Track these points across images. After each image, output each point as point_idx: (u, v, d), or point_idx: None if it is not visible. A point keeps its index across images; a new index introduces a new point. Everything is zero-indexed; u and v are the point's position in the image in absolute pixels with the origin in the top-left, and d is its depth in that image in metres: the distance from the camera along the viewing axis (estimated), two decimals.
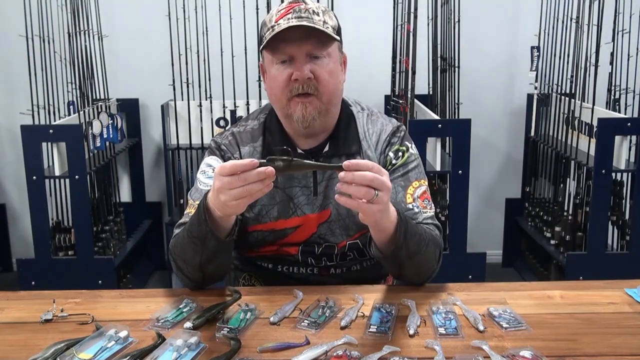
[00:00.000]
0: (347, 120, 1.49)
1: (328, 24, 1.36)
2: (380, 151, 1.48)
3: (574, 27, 3.08)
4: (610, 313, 1.29)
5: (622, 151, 2.82)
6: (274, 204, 1.46)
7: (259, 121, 1.52)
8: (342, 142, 1.46)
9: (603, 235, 2.92)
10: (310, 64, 1.35)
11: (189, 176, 3.43)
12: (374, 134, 1.49)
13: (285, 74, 1.35)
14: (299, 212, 1.46)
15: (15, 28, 2.99)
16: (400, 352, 1.12)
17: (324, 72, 1.36)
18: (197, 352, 1.12)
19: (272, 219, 1.46)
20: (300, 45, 1.34)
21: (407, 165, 1.47)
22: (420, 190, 1.46)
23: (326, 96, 1.38)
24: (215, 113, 3.36)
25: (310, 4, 1.38)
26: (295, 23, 1.32)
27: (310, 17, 1.34)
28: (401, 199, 1.44)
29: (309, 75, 1.34)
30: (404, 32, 3.01)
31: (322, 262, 1.49)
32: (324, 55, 1.37)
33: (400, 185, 1.45)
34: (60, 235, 3.01)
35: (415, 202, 1.45)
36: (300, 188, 1.46)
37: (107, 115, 3.13)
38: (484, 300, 1.34)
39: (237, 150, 1.48)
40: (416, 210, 1.44)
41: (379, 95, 3.47)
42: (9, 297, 1.40)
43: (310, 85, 1.35)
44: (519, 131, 3.62)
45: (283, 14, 1.35)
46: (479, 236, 3.60)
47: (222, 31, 3.24)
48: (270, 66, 1.39)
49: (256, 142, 1.49)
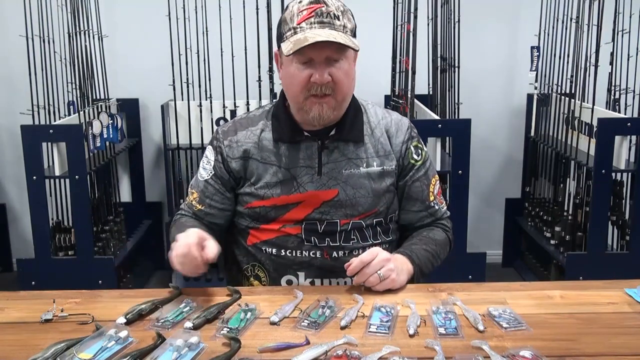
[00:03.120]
0: (355, 111, 1.55)
1: (347, 27, 1.41)
2: (402, 139, 1.56)
3: (574, 27, 3.08)
4: (610, 313, 1.29)
5: (622, 151, 2.82)
6: (278, 182, 1.51)
7: (264, 109, 1.60)
8: (348, 129, 1.52)
9: (603, 235, 2.92)
10: (329, 68, 1.40)
11: (189, 176, 3.43)
12: (392, 121, 1.58)
13: (305, 75, 1.41)
14: (301, 189, 1.51)
15: (15, 28, 2.99)
16: (400, 352, 1.12)
17: (341, 73, 1.42)
18: (197, 352, 1.12)
19: (275, 195, 1.51)
20: (321, 51, 1.39)
21: (425, 163, 1.60)
22: (437, 186, 1.63)
23: (341, 95, 1.45)
24: (215, 113, 3.36)
25: (331, 5, 1.41)
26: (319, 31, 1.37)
27: (332, 23, 1.39)
28: (425, 197, 1.60)
29: (328, 79, 1.41)
30: (404, 32, 3.00)
31: (325, 242, 1.51)
32: (342, 59, 1.42)
33: (425, 184, 1.59)
34: (60, 235, 3.01)
35: (436, 199, 1.62)
36: (304, 168, 1.51)
37: (107, 115, 3.13)
38: (484, 300, 1.34)
39: (231, 136, 1.56)
40: (437, 207, 1.62)
41: (379, 95, 3.47)
42: (9, 297, 1.40)
43: (328, 87, 1.42)
44: (519, 131, 3.62)
45: (305, 16, 1.40)
46: (479, 236, 3.60)
47: (222, 31, 3.24)
48: (288, 63, 1.44)
49: (255, 126, 1.56)
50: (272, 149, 1.52)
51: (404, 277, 1.42)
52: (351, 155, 1.52)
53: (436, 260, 1.55)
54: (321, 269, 1.52)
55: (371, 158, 1.53)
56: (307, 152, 1.51)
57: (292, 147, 1.52)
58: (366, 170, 1.52)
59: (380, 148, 1.54)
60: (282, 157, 1.52)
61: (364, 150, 1.53)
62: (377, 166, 1.53)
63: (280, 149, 1.52)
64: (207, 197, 1.57)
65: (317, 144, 1.51)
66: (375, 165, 1.53)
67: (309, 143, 1.51)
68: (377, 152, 1.54)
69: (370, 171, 1.52)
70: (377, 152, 1.54)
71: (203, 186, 1.58)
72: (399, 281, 1.40)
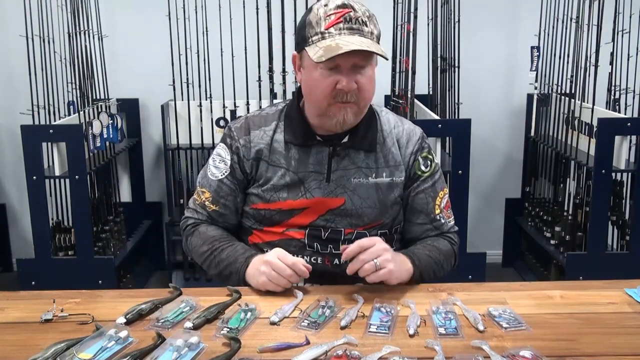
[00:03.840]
0: (370, 118, 1.53)
1: (374, 34, 1.39)
2: (412, 150, 1.54)
3: (574, 27, 3.07)
4: (610, 313, 1.29)
5: (622, 151, 2.81)
6: (285, 185, 1.50)
7: (277, 108, 1.57)
8: (361, 137, 1.50)
9: (603, 235, 2.92)
10: (355, 75, 1.38)
11: (189, 176, 3.44)
12: (404, 131, 1.55)
13: (331, 81, 1.38)
14: (308, 195, 1.49)
15: (15, 28, 2.99)
16: (400, 352, 1.12)
17: (366, 80, 1.40)
18: (197, 352, 1.12)
19: (281, 198, 1.50)
20: (349, 57, 1.36)
21: (434, 175, 1.56)
22: (445, 200, 1.58)
23: (364, 102, 1.44)
24: (215, 113, 3.36)
25: (358, 10, 1.39)
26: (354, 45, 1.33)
27: (361, 29, 1.37)
28: (430, 210, 1.56)
29: (355, 87, 1.38)
30: (404, 32, 3.00)
31: (327, 249, 1.51)
32: (367, 65, 1.40)
33: (430, 196, 1.55)
34: (60, 235, 3.01)
35: (442, 212, 1.57)
36: (313, 173, 1.49)
37: (107, 115, 3.13)
38: (484, 300, 1.34)
39: (245, 135, 1.52)
40: (442, 221, 1.57)
41: (379, 95, 3.46)
42: (9, 297, 1.40)
43: (353, 94, 1.39)
44: (519, 131, 3.62)
45: (334, 21, 1.36)
46: (479, 236, 3.60)
47: (222, 31, 3.24)
48: (312, 68, 1.40)
49: (268, 126, 1.53)
50: (282, 151, 1.50)
51: (401, 273, 1.38)
52: (361, 164, 1.50)
53: (438, 268, 1.50)
54: (322, 275, 1.49)
55: (381, 168, 1.51)
56: (318, 157, 1.49)
57: (302, 151, 1.50)
58: (375, 181, 1.50)
59: (390, 158, 1.52)
60: (292, 160, 1.50)
61: (374, 159, 1.51)
62: (387, 177, 1.51)
63: (291, 151, 1.50)
64: (221, 197, 1.55)
65: (329, 150, 1.49)
66: (385, 176, 1.51)
67: (320, 148, 1.49)
68: (387, 162, 1.52)
69: (379, 182, 1.51)
70: (387, 163, 1.52)
71: (217, 186, 1.54)
72: (395, 274, 1.35)
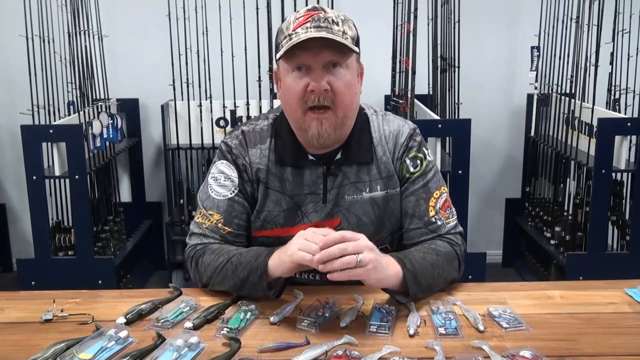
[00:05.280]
0: (362, 128, 1.45)
1: (347, 35, 1.32)
2: (397, 157, 1.45)
3: (574, 27, 3.07)
4: (610, 313, 1.29)
5: (622, 151, 2.81)
6: (281, 211, 1.44)
7: (269, 121, 1.48)
8: (354, 150, 1.43)
9: (603, 235, 2.92)
10: (327, 75, 1.31)
11: (189, 176, 3.43)
12: (390, 134, 1.46)
13: (302, 84, 1.31)
14: (305, 220, 1.44)
15: (15, 28, 2.99)
16: (400, 352, 1.12)
17: (341, 84, 1.32)
18: (197, 352, 1.12)
19: (278, 225, 1.45)
20: (318, 55, 1.29)
21: (425, 174, 1.45)
22: (442, 199, 1.45)
23: (342, 110, 1.34)
24: (215, 113, 3.36)
25: (329, 12, 1.33)
26: (314, 34, 1.28)
27: (329, 27, 1.29)
28: (423, 213, 1.44)
29: (326, 87, 1.30)
30: (404, 32, 3.00)
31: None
32: (342, 67, 1.32)
33: (422, 198, 1.44)
34: (60, 235, 3.01)
35: (438, 214, 1.44)
36: (309, 195, 1.43)
37: (107, 115, 3.13)
38: (484, 300, 1.34)
39: (245, 154, 1.45)
40: (439, 223, 1.44)
41: (379, 95, 3.47)
42: (9, 297, 1.40)
43: (327, 98, 1.31)
44: (519, 131, 3.62)
45: (301, 22, 1.30)
46: (479, 236, 3.60)
47: (222, 31, 3.23)
48: (285, 75, 1.35)
49: (264, 144, 1.45)
50: (277, 172, 1.43)
51: (381, 275, 1.24)
52: (354, 178, 1.43)
53: (438, 271, 1.35)
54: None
55: (375, 181, 1.43)
56: (312, 176, 1.42)
57: (296, 172, 1.43)
58: (370, 196, 1.43)
59: (383, 169, 1.44)
60: (287, 182, 1.43)
61: (367, 171, 1.43)
62: (381, 190, 1.44)
63: (285, 172, 1.43)
64: (234, 217, 1.44)
65: (322, 169, 1.42)
66: (379, 189, 1.44)
67: (314, 167, 1.42)
68: (380, 173, 1.44)
69: (374, 196, 1.43)
70: (380, 174, 1.44)
71: (227, 205, 1.43)
72: (373, 276, 1.21)
